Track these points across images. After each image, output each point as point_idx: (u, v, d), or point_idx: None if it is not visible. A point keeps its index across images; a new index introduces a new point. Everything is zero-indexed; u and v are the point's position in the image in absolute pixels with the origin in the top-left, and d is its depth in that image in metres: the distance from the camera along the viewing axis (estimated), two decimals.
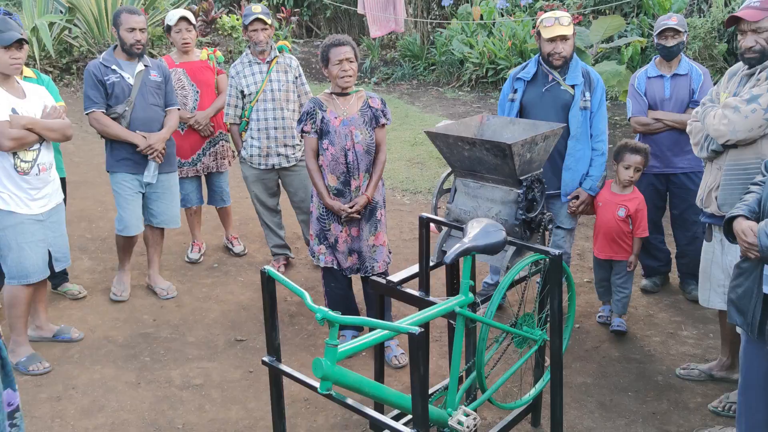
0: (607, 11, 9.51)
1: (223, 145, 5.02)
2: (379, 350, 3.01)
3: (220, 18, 11.22)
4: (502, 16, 10.14)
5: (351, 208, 3.67)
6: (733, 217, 2.52)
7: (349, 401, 2.14)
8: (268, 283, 2.26)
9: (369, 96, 3.73)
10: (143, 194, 4.40)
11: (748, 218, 2.47)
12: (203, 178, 5.08)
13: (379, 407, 3.06)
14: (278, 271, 4.82)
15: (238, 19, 11.25)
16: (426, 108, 9.24)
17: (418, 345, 1.85)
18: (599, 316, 4.18)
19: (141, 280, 4.65)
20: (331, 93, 3.72)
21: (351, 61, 3.60)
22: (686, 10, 9.55)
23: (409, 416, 3.01)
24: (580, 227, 5.50)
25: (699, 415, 3.34)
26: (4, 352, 2.14)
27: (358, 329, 4.00)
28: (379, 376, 3.07)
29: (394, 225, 5.62)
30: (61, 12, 10.17)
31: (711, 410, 3.34)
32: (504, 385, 3.48)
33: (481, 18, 10.32)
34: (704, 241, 3.35)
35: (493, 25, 10.16)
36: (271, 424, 3.10)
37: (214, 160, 5.00)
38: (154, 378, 3.66)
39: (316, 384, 2.18)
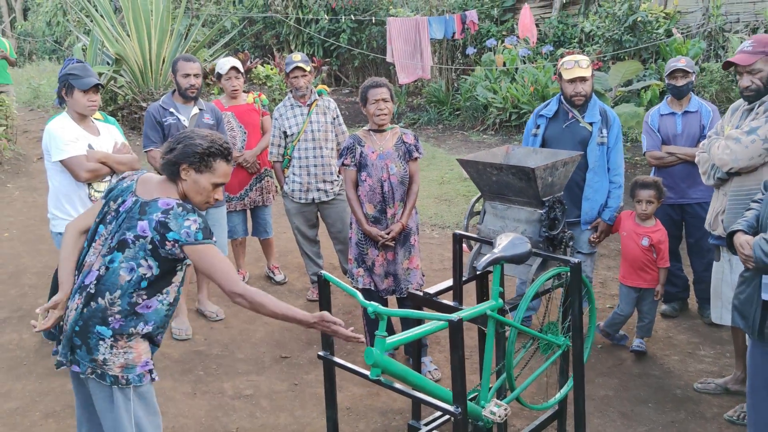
0: (626, 57, 9.92)
1: (268, 181, 5.42)
2: (416, 356, 3.32)
3: (255, 68, 11.83)
4: (524, 63, 10.59)
5: (387, 234, 4.02)
6: (734, 232, 2.83)
7: (397, 385, 2.44)
8: (323, 285, 2.60)
9: (403, 132, 4.11)
10: None
11: (746, 233, 2.78)
12: (248, 212, 5.48)
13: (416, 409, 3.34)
14: (316, 297, 5.19)
15: (272, 69, 11.87)
16: (452, 150, 9.64)
17: (457, 330, 2.17)
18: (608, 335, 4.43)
19: (191, 305, 5.01)
20: (369, 130, 4.11)
21: (386, 101, 4.00)
22: (703, 55, 9.94)
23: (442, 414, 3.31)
24: (602, 258, 5.79)
25: (715, 424, 3.57)
26: None
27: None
28: None
29: (425, 257, 5.95)
30: (108, 63, 10.83)
31: (726, 419, 3.58)
32: (531, 391, 3.76)
33: (504, 65, 10.78)
34: (714, 262, 3.64)
35: (516, 72, 10.60)
36: (317, 429, 3.43)
37: (260, 195, 5.40)
38: (208, 389, 4.00)
39: (367, 373, 2.48)
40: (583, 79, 4.19)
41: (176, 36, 11.06)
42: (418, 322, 3.24)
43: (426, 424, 3.28)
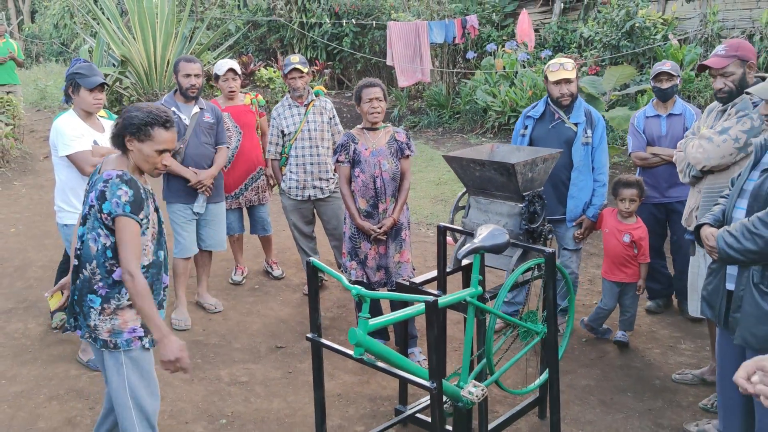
0: (624, 62, 10.08)
1: (264, 180, 5.59)
2: (403, 344, 3.47)
3: (258, 71, 12.03)
4: (524, 67, 10.75)
5: (379, 228, 4.18)
6: (701, 225, 2.98)
7: (379, 364, 2.60)
8: (312, 271, 2.77)
9: (396, 131, 4.28)
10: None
11: (713, 226, 2.94)
12: (245, 210, 5.64)
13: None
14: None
15: (275, 72, 12.07)
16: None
17: (433, 309, 2.33)
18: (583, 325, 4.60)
19: (190, 297, 5.18)
20: (363, 128, 4.29)
21: (380, 100, 4.17)
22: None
23: (427, 399, 3.47)
24: (592, 257, 5.94)
25: (690, 411, 3.72)
26: None
27: (385, 339, 4.47)
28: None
29: (419, 254, 6.11)
30: (114, 65, 11.05)
31: (701, 407, 3.73)
32: (515, 381, 3.91)
33: (504, 69, 10.95)
34: (691, 257, 3.80)
35: (515, 76, 10.76)
36: (308, 414, 3.60)
37: (255, 194, 5.55)
38: (205, 376, 4.16)
39: (351, 352, 2.64)
40: (568, 81, 4.35)
41: (181, 39, 11.27)
42: (404, 306, 3.42)
43: (411, 409, 3.44)
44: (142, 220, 2.77)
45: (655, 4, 11.09)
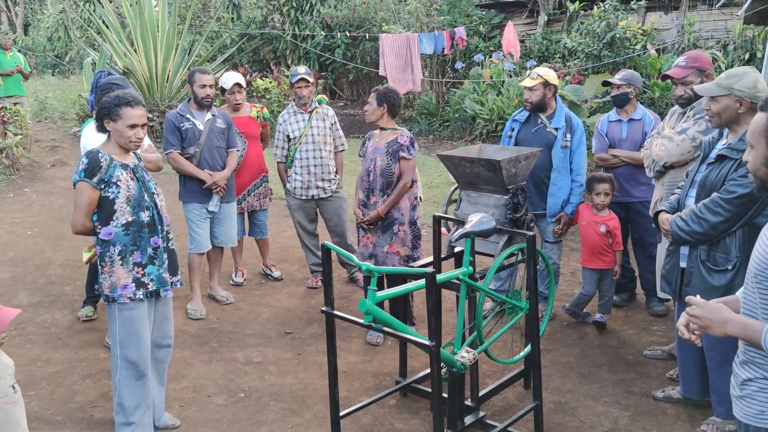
0: (605, 71, 10.60)
1: (265, 187, 6.00)
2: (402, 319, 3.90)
3: (254, 81, 12.48)
4: (510, 77, 11.26)
5: (364, 218, 4.70)
6: (659, 212, 3.46)
7: (385, 329, 3.03)
8: (326, 254, 3.20)
9: (401, 135, 4.72)
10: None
11: (669, 212, 3.41)
12: (246, 214, 6.03)
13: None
14: (315, 285, 5.79)
15: (271, 82, 12.52)
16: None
17: (432, 280, 2.78)
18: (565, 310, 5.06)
19: (204, 291, 5.59)
20: (379, 128, 4.79)
21: (369, 104, 4.72)
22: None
23: (424, 371, 3.92)
24: (574, 252, 6.41)
25: (658, 381, 4.18)
26: None
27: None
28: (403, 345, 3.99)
29: None
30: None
31: (668, 377, 4.19)
32: (505, 357, 4.36)
33: (491, 78, 11.46)
34: (658, 244, 4.27)
35: (502, 85, 11.26)
36: (318, 388, 4.03)
37: (257, 200, 5.94)
38: (222, 357, 4.59)
39: (362, 321, 3.07)
40: (530, 89, 4.83)
41: (181, 51, 11.70)
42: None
43: (410, 380, 3.88)
44: (98, 183, 3.32)
45: (635, 15, 11.64)
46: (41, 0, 27.52)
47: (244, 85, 5.90)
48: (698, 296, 2.13)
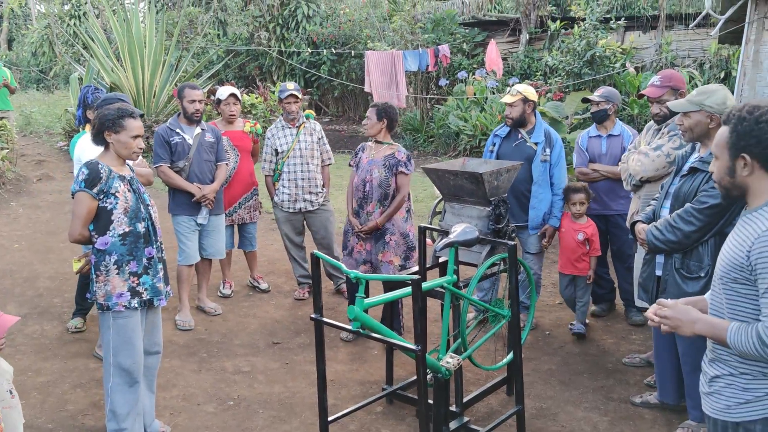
0: (585, 88, 10.84)
1: (255, 200, 6.10)
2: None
3: (241, 97, 12.58)
4: (493, 93, 11.48)
5: (362, 227, 4.80)
6: (635, 222, 3.61)
7: (373, 335, 3.14)
8: (315, 263, 3.31)
9: (398, 150, 4.85)
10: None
11: (645, 222, 3.56)
12: (236, 227, 6.12)
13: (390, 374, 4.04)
14: (302, 297, 5.89)
15: (257, 98, 12.64)
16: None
17: (418, 286, 2.89)
18: (570, 325, 5.16)
19: (192, 303, 5.67)
20: (373, 141, 4.94)
21: (368, 118, 4.88)
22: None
23: (409, 379, 4.02)
24: (555, 264, 6.55)
25: (636, 387, 4.32)
26: None
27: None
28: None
29: None
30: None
31: (645, 383, 4.33)
32: (488, 363, 4.47)
33: (474, 95, 11.67)
34: (635, 254, 4.42)
35: (485, 101, 11.47)
36: (306, 396, 4.11)
37: (247, 213, 6.03)
38: (211, 367, 4.66)
39: (350, 327, 3.18)
40: (509, 105, 5.00)
41: (168, 67, 11.81)
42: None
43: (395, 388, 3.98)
44: (98, 194, 3.39)
45: (614, 34, 11.93)
46: (26, 15, 27.51)
47: (240, 97, 6.01)
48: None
